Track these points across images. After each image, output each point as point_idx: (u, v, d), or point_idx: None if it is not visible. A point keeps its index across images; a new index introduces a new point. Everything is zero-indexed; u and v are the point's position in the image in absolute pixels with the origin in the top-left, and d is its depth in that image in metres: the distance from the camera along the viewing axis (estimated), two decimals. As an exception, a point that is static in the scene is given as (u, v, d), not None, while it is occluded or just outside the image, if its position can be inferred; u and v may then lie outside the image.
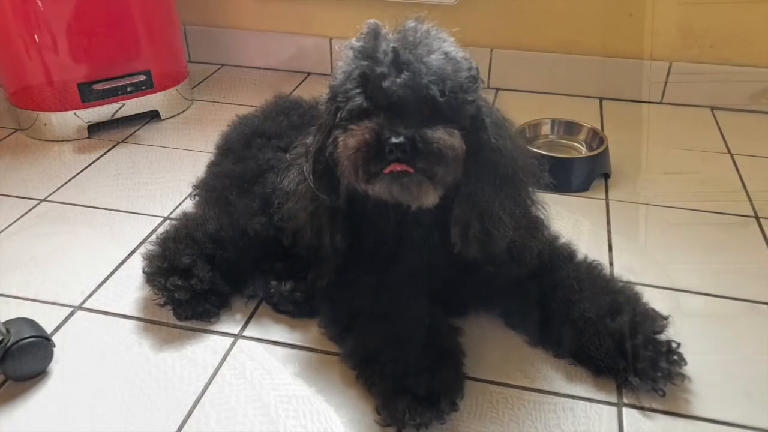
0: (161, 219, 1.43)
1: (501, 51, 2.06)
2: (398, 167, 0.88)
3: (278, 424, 0.95)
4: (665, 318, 1.03)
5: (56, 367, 1.05)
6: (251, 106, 1.48)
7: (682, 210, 1.46)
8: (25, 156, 1.71)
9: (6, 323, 1.03)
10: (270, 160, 1.20)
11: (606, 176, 1.58)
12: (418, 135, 0.87)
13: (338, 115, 0.94)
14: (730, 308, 1.18)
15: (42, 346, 1.03)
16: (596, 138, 1.63)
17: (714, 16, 1.86)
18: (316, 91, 1.15)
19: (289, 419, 0.96)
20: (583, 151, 1.64)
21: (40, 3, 1.62)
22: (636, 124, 1.88)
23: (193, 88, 2.08)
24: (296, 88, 2.11)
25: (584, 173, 1.53)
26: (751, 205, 1.48)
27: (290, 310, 1.14)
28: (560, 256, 1.12)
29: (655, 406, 0.97)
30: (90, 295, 1.20)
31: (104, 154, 1.72)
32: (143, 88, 1.82)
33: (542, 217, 1.06)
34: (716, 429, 0.95)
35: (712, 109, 1.95)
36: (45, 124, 1.77)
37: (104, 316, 1.16)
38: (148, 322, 1.14)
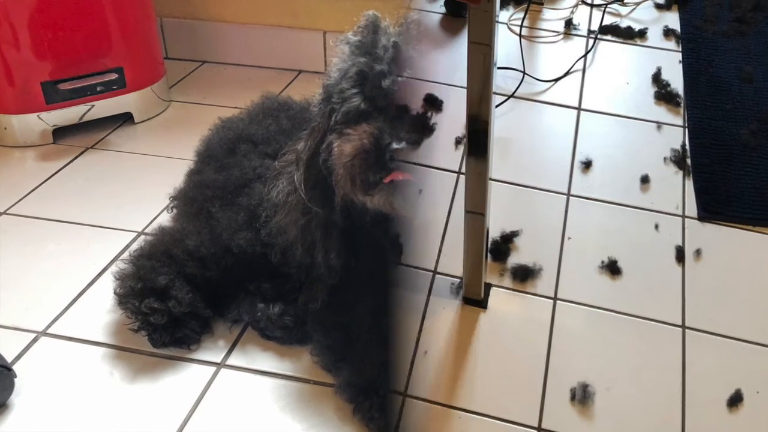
0: (135, 234, 1.44)
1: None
2: (400, 176, 0.88)
3: (266, 463, 0.96)
4: None
5: (17, 399, 1.05)
6: (235, 107, 1.50)
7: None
8: (-17, 164, 1.72)
9: (-39, 351, 1.04)
10: (256, 168, 1.21)
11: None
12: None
13: (333, 118, 0.95)
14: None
15: (2, 377, 1.03)
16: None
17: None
18: (309, 91, 1.16)
19: (277, 458, 0.97)
20: None
21: (-1, -7, 1.64)
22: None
23: (170, 87, 2.09)
24: (286, 87, 2.12)
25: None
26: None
27: (279, 335, 1.14)
28: None
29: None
30: (55, 320, 1.21)
31: (71, 161, 1.73)
32: (115, 87, 1.83)
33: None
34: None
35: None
36: (5, 128, 1.77)
37: (71, 342, 1.16)
38: (120, 350, 1.14)
